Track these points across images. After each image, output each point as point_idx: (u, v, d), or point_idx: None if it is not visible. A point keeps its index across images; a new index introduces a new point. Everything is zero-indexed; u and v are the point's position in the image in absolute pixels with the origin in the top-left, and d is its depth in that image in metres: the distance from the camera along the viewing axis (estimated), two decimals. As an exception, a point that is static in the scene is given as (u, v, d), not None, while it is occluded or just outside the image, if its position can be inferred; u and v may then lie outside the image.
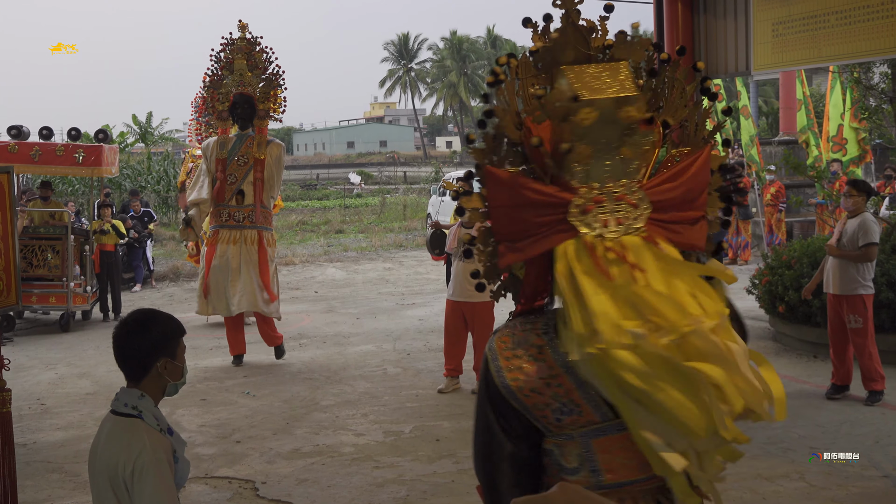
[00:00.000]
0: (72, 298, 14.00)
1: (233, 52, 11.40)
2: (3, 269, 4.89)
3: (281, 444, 8.03)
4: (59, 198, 19.27)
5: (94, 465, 3.34)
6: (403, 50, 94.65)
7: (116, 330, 3.43)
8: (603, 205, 2.71)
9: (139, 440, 3.24)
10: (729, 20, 13.18)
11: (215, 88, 11.36)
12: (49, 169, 15.46)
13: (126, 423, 3.31)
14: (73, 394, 10.08)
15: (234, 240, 10.90)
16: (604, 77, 2.80)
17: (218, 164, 11.05)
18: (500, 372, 2.80)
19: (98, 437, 3.41)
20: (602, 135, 2.73)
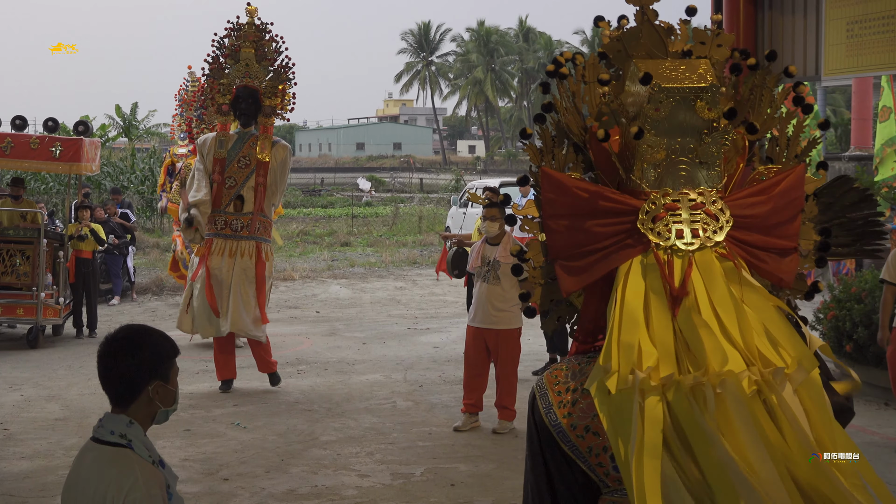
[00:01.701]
0: (42, 311, 14.03)
1: (239, 39, 11.35)
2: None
3: (274, 483, 8.04)
4: (30, 196, 19.37)
5: (75, 498, 3.33)
6: (423, 41, 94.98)
7: (103, 348, 3.42)
8: (677, 213, 2.64)
9: (130, 473, 3.23)
10: (798, 18, 13.15)
11: (216, 78, 11.27)
12: (22, 164, 15.57)
13: (114, 453, 3.28)
14: (40, 419, 10.13)
15: (229, 251, 10.92)
16: (681, 69, 2.74)
17: (216, 165, 11.01)
18: (550, 409, 2.70)
19: (77, 468, 3.40)
20: (678, 131, 2.69)
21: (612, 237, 2.66)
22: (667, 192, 2.66)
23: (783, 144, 2.98)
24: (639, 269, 2.60)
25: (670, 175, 2.69)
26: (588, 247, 2.69)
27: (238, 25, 11.44)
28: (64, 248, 14.84)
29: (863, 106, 25.98)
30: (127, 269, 19.23)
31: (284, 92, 11.44)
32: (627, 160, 2.73)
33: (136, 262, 20.42)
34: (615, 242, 2.65)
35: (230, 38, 11.41)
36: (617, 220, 2.65)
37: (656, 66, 2.75)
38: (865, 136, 25.83)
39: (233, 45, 11.35)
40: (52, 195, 30.20)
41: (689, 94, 2.66)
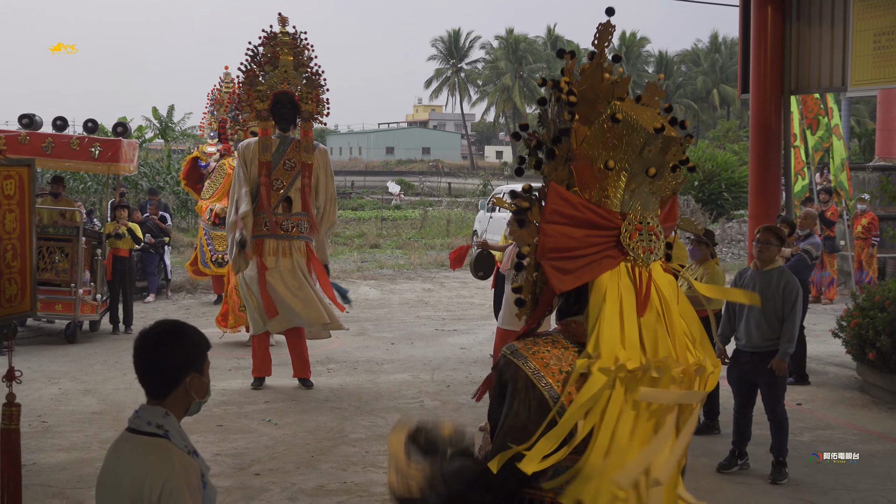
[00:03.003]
0: (80, 307, 14.11)
1: (276, 46, 11.43)
2: (18, 272, 4.97)
3: (304, 479, 8.06)
4: (70, 195, 19.52)
5: (112, 489, 3.35)
6: (453, 48, 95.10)
7: (142, 341, 3.45)
8: (641, 233, 3.32)
9: (167, 462, 3.27)
10: (825, 29, 13.07)
11: (252, 86, 11.37)
12: (62, 163, 15.70)
13: (151, 443, 3.33)
14: (77, 412, 10.21)
15: (283, 251, 11.03)
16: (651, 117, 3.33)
17: (261, 168, 11.11)
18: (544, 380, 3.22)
19: (113, 458, 3.43)
20: (650, 167, 3.31)
21: (596, 246, 3.26)
22: (634, 214, 3.30)
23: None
24: (616, 278, 3.22)
25: (634, 200, 3.34)
26: (575, 252, 3.26)
27: (272, 34, 11.51)
28: (102, 246, 14.92)
29: (888, 117, 25.76)
30: (164, 267, 19.33)
31: (318, 97, 11.53)
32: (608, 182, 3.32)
33: (171, 261, 20.49)
34: (598, 251, 3.26)
35: (265, 46, 11.47)
36: (603, 233, 3.27)
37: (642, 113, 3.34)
38: (890, 147, 25.60)
39: (271, 53, 11.42)
40: (90, 194, 30.37)
41: (669, 142, 3.30)
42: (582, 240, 3.27)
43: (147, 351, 3.43)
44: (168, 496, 3.21)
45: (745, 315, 8.29)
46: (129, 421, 3.46)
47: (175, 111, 43.32)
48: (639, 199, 3.36)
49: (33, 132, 15.31)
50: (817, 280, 18.95)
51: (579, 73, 3.49)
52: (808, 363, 12.10)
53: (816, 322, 15.47)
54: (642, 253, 3.28)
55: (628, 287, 3.22)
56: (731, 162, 34.94)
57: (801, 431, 9.43)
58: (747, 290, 7.93)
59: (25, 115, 15.64)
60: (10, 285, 4.96)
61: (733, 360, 8.50)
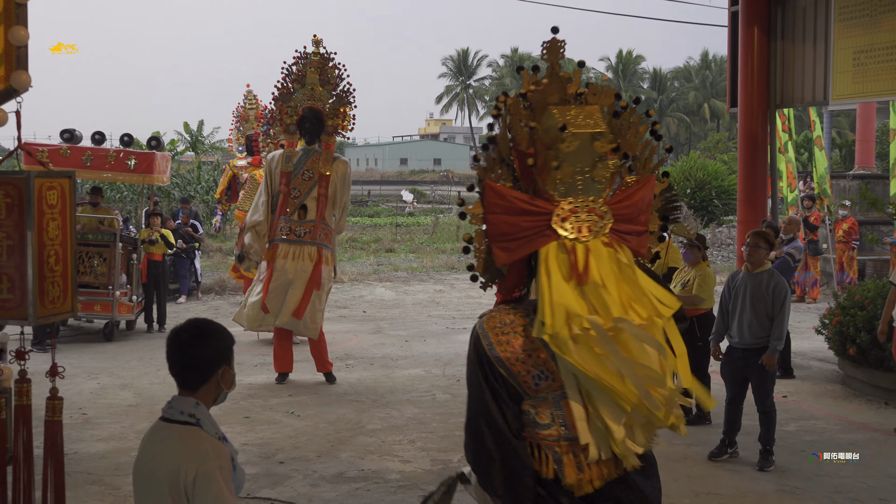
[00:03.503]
0: (117, 307, 14.17)
1: (305, 66, 11.52)
2: (60, 276, 4.98)
3: (325, 467, 8.07)
4: (107, 204, 19.57)
5: (149, 474, 3.40)
6: (462, 66, 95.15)
7: (177, 337, 3.52)
8: (578, 215, 3.68)
9: (201, 448, 3.34)
10: (808, 47, 13.06)
11: (284, 101, 11.46)
12: (100, 174, 15.75)
13: (185, 430, 3.40)
14: (114, 405, 10.24)
15: (293, 255, 11.02)
16: (581, 116, 3.77)
17: (282, 177, 11.17)
18: (492, 347, 3.73)
19: (149, 444, 3.49)
20: (580, 160, 3.70)
21: (531, 229, 3.66)
22: (570, 200, 3.68)
23: (641, 162, 4.03)
24: (555, 253, 3.59)
25: (573, 188, 3.71)
26: (514, 235, 3.70)
27: (305, 54, 11.61)
28: (137, 251, 14.97)
29: (866, 129, 25.73)
30: (195, 270, 19.36)
31: (345, 113, 11.62)
32: (545, 176, 3.72)
33: (201, 265, 20.52)
34: (534, 233, 3.66)
35: (297, 65, 11.56)
36: (536, 219, 3.66)
37: (566, 113, 3.78)
38: (869, 156, 25.57)
39: (300, 72, 11.51)
40: (126, 203, 30.46)
41: (589, 136, 3.68)
42: (517, 224, 3.70)
43: (181, 347, 3.50)
44: (202, 478, 3.27)
45: (738, 314, 8.28)
46: (162, 411, 3.52)
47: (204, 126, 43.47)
48: (576, 187, 3.72)
49: (74, 146, 15.39)
50: (801, 281, 18.91)
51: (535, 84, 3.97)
52: (793, 358, 12.08)
53: (801, 320, 15.43)
54: (577, 232, 3.63)
55: (565, 261, 3.59)
56: (721, 171, 34.85)
57: (786, 422, 9.41)
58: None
59: (66, 130, 15.73)
60: (52, 288, 4.98)
61: (726, 357, 8.50)
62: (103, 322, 14.60)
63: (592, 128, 3.74)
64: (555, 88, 3.95)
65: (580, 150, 3.70)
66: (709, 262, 9.87)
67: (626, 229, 3.77)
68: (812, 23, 13.00)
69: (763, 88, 13.63)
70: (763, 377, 8.18)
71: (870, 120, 25.62)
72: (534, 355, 3.70)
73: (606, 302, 3.52)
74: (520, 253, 3.72)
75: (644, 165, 4.08)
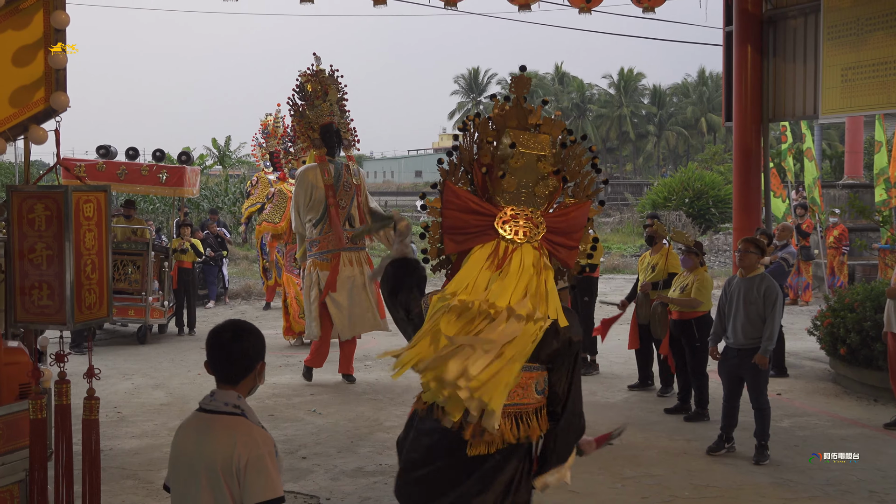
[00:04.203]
0: (150, 312, 14.22)
1: (322, 82, 11.42)
2: (96, 283, 5.01)
3: (345, 461, 8.07)
4: (140, 215, 19.65)
5: (195, 460, 3.47)
6: (473, 84, 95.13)
7: (218, 336, 3.59)
8: (517, 220, 4.30)
9: (251, 436, 3.44)
10: (798, 64, 13.05)
11: (302, 118, 11.41)
12: (134, 187, 15.82)
13: (233, 420, 3.49)
14: (147, 404, 10.26)
15: (356, 261, 11.09)
16: (532, 141, 4.40)
17: (328, 190, 11.05)
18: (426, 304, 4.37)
19: (192, 434, 3.56)
20: (525, 175, 4.34)
21: (477, 227, 4.30)
22: (513, 208, 4.32)
23: (581, 188, 4.58)
24: (485, 249, 4.23)
25: (516, 198, 4.35)
26: (463, 230, 4.32)
27: (315, 71, 11.51)
28: (168, 259, 15.00)
29: (855, 140, 25.66)
30: (222, 276, 19.40)
31: (348, 127, 11.63)
32: (495, 184, 4.36)
33: (228, 272, 20.57)
34: (478, 230, 4.29)
35: (312, 82, 11.44)
36: (482, 218, 4.31)
37: (519, 136, 4.40)
38: (857, 167, 25.50)
39: (323, 89, 11.41)
40: (158, 214, 30.58)
41: (535, 157, 4.33)
42: (467, 221, 4.32)
43: (224, 344, 3.58)
44: (254, 462, 3.38)
45: (733, 316, 8.26)
46: (201, 404, 3.60)
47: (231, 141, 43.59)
48: (519, 198, 4.35)
49: (109, 161, 15.48)
50: (794, 284, 18.84)
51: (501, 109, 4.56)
52: (786, 358, 12.02)
53: (794, 322, 15.36)
54: (512, 235, 4.25)
55: (487, 254, 4.20)
56: (718, 181, 34.80)
57: (781, 418, 9.36)
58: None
59: (102, 146, 15.81)
60: (89, 295, 5.01)
61: (723, 357, 8.46)
62: (137, 326, 14.65)
63: (538, 151, 4.36)
64: (515, 115, 4.53)
65: (526, 168, 4.33)
66: (706, 268, 9.85)
67: (559, 241, 4.38)
68: (802, 42, 12.99)
69: (756, 103, 13.61)
70: (756, 376, 8.15)
71: (858, 132, 25.54)
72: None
73: (504, 290, 4.08)
74: (465, 245, 4.33)
75: (583, 191, 4.60)
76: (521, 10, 12.12)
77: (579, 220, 4.46)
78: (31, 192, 4.95)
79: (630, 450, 8.40)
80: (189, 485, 3.49)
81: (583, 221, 4.49)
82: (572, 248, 4.42)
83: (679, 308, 9.70)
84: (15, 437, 5.17)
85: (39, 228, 4.90)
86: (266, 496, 3.38)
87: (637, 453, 8.33)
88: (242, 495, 3.38)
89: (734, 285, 8.37)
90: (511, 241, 4.22)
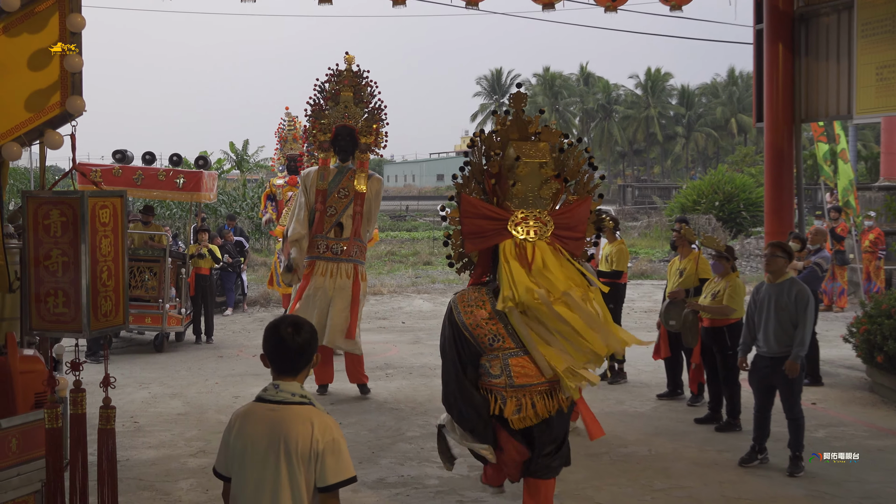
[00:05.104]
0: (166, 320, 14.28)
1: (339, 84, 11.32)
2: (112, 290, 5.04)
3: (366, 473, 8.07)
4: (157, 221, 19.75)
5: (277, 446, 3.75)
6: (496, 85, 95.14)
7: (277, 331, 3.88)
8: (528, 221, 5.30)
9: (326, 422, 3.81)
10: (831, 63, 12.96)
11: (317, 118, 11.28)
12: (151, 193, 15.93)
13: (305, 409, 3.82)
14: (164, 413, 10.31)
15: (330, 272, 10.95)
16: (533, 150, 5.36)
17: (318, 195, 11.06)
18: (459, 315, 5.43)
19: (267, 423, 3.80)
20: (530, 181, 5.31)
21: (493, 230, 5.32)
22: (523, 211, 5.37)
23: (581, 184, 5.62)
24: (510, 248, 5.25)
25: (525, 202, 5.36)
26: (481, 234, 5.33)
27: (338, 72, 11.38)
28: (185, 265, 15.08)
29: (891, 140, 25.42)
30: (241, 283, 19.46)
31: (378, 131, 11.37)
32: (505, 192, 5.39)
33: (247, 279, 20.63)
34: (494, 232, 5.32)
35: (330, 82, 11.36)
36: (497, 223, 5.31)
37: (522, 146, 5.38)
38: (893, 168, 25.24)
39: (333, 89, 11.32)
40: (175, 220, 30.76)
41: (538, 164, 5.33)
42: (483, 226, 5.31)
43: (287, 338, 3.86)
44: (331, 446, 3.76)
45: (764, 324, 8.18)
46: (266, 396, 3.88)
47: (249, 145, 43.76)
48: (527, 202, 5.33)
49: (125, 166, 15.60)
50: (829, 290, 18.69)
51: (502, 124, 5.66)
52: (821, 366, 11.92)
53: (829, 328, 15.24)
54: (526, 234, 5.27)
55: (515, 255, 5.21)
56: (749, 184, 34.60)
57: (815, 428, 9.29)
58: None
59: (118, 151, 15.92)
60: (105, 302, 5.04)
61: (753, 365, 8.38)
62: (153, 334, 14.73)
63: (540, 158, 5.31)
64: (516, 127, 5.55)
65: (531, 174, 5.27)
66: (738, 273, 9.79)
67: (566, 234, 5.42)
68: (835, 39, 12.90)
69: (788, 103, 13.54)
70: (790, 384, 8.07)
71: (894, 133, 25.29)
72: (490, 323, 5.44)
73: (552, 281, 5.13)
74: (484, 244, 5.40)
75: (584, 188, 5.59)
76: (546, 9, 12.12)
77: (582, 214, 5.48)
78: (47, 198, 4.99)
79: (659, 461, 8.35)
80: (265, 469, 3.77)
81: (585, 215, 5.51)
82: (578, 240, 5.48)
83: (711, 315, 9.64)
84: (30, 448, 5.20)
85: (55, 235, 4.93)
86: (345, 475, 3.79)
87: (667, 465, 8.29)
88: (321, 477, 3.75)
89: (763, 292, 8.28)
90: (524, 239, 5.23)
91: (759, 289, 8.43)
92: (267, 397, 3.87)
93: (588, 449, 8.36)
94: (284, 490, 3.74)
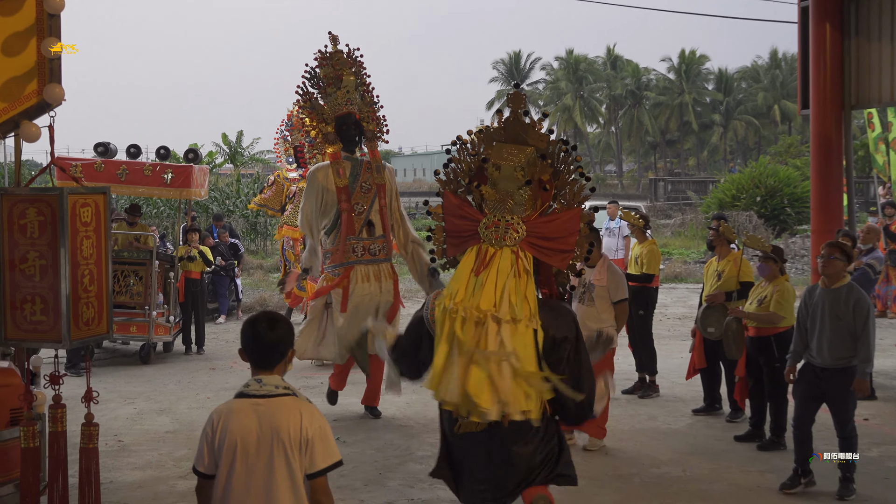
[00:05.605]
0: (154, 329, 14.24)
1: (338, 66, 10.80)
2: (94, 296, 5.06)
3: (373, 496, 8.07)
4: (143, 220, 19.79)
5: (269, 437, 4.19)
6: (514, 70, 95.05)
7: (256, 326, 4.33)
8: (498, 227, 5.46)
9: (312, 410, 4.28)
10: (884, 44, 12.90)
11: (313, 109, 10.82)
12: (136, 189, 15.93)
13: (291, 399, 4.28)
14: (151, 431, 10.33)
15: (375, 276, 10.56)
16: (514, 153, 5.56)
17: (340, 193, 10.50)
18: (427, 310, 5.61)
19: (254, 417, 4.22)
20: (506, 185, 5.50)
21: (466, 231, 5.56)
22: (496, 215, 5.49)
23: (570, 195, 5.72)
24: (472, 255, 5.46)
25: (500, 206, 5.50)
26: (458, 234, 5.62)
27: (329, 54, 10.88)
28: (174, 268, 15.08)
29: (951, 129, 25.21)
30: (235, 288, 19.44)
31: (375, 116, 10.98)
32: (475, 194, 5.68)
33: (242, 283, 20.64)
34: (468, 235, 5.55)
35: (325, 66, 10.84)
36: (470, 223, 5.56)
37: (502, 149, 5.61)
38: (954, 160, 25.03)
39: (334, 73, 10.79)
40: (162, 219, 30.84)
41: (512, 168, 5.50)
42: (459, 226, 5.60)
43: (270, 330, 4.32)
44: (320, 431, 4.23)
45: (818, 333, 8.03)
46: (249, 391, 4.29)
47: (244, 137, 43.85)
48: (504, 205, 5.48)
49: (108, 160, 15.61)
50: (883, 294, 18.56)
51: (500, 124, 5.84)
52: (874, 378, 11.85)
53: (883, 336, 15.15)
54: (494, 239, 5.43)
55: (473, 259, 5.41)
56: (794, 177, 34.46)
57: (868, 447, 9.24)
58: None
59: (101, 144, 15.95)
60: (87, 309, 5.05)
61: (801, 374, 8.26)
62: (139, 344, 14.74)
63: (517, 162, 5.50)
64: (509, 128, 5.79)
65: (506, 178, 5.47)
66: (787, 277, 9.67)
67: (547, 245, 5.51)
68: (889, 18, 12.84)
69: (837, 88, 13.49)
70: (844, 400, 7.96)
71: (955, 120, 25.17)
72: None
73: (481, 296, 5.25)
74: (460, 249, 5.62)
75: (573, 198, 5.69)
76: (569, -15, 12.06)
77: (567, 225, 5.56)
78: (23, 196, 5.01)
79: (696, 483, 8.33)
80: (258, 461, 4.18)
81: (573, 227, 5.58)
82: (564, 252, 5.57)
83: (756, 324, 9.54)
84: (5, 469, 5.23)
85: (32, 236, 4.95)
86: (333, 459, 4.28)
87: (704, 487, 8.26)
88: (311, 463, 4.20)
89: (817, 297, 8.15)
90: (490, 244, 5.41)
91: (811, 292, 8.27)
92: (251, 392, 4.30)
93: (617, 469, 8.35)
94: (281, 480, 4.18)
